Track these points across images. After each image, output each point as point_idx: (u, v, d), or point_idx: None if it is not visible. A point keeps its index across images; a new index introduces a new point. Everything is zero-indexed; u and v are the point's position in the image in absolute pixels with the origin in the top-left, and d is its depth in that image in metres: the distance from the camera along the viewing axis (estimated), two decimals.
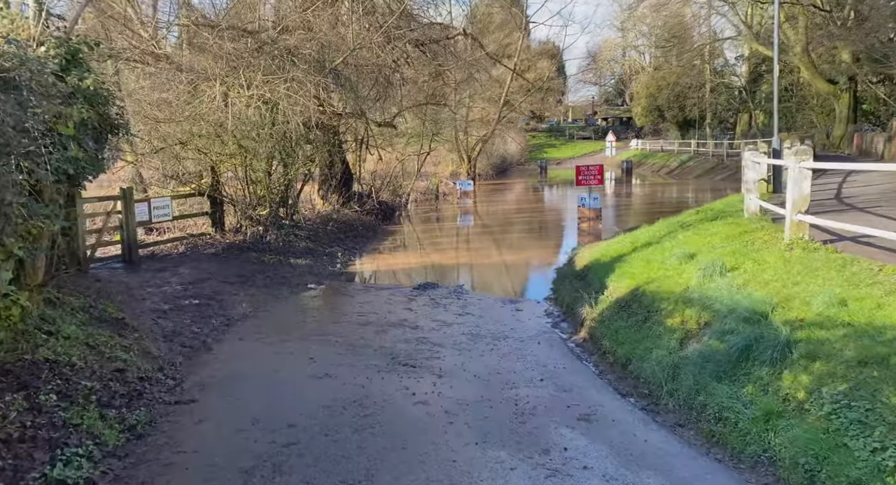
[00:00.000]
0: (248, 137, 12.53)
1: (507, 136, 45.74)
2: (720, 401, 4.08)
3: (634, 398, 5.08)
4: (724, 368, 4.32)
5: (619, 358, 5.76)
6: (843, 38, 27.60)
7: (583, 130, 77.47)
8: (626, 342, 5.81)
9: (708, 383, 4.31)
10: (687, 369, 4.65)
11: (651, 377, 5.06)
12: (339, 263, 13.27)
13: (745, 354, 4.32)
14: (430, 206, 25.23)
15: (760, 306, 4.86)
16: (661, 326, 5.68)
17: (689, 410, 4.39)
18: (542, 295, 10.24)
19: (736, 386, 4.15)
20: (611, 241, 11.83)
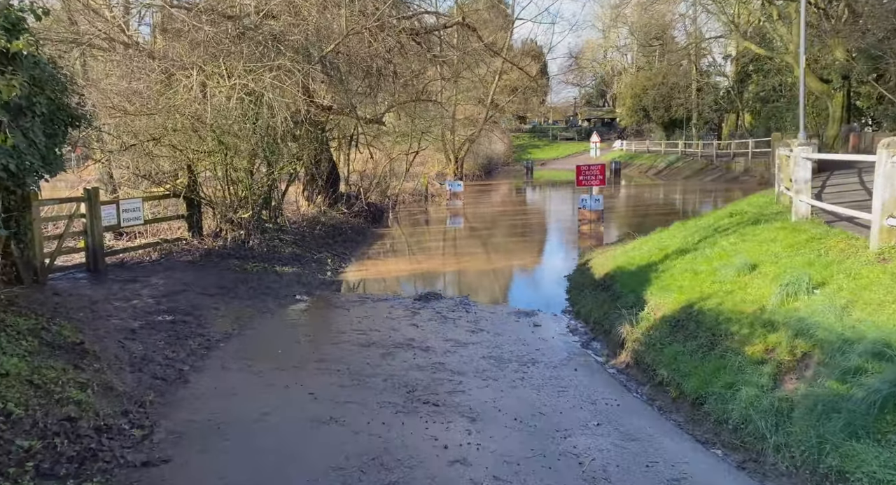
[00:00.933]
0: (228, 133, 11.37)
1: (492, 136, 44.87)
2: (869, 470, 3.10)
3: (721, 450, 4.10)
4: (863, 422, 3.35)
5: (685, 393, 4.79)
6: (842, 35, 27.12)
7: (565, 130, 77.00)
8: (692, 373, 4.84)
9: (840, 442, 3.35)
10: (800, 417, 3.69)
11: (742, 423, 4.09)
12: (330, 271, 12.16)
13: (894, 404, 3.36)
14: (418, 207, 24.17)
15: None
16: (738, 355, 4.72)
17: (815, 474, 3.40)
18: (557, 307, 9.26)
19: (889, 449, 3.18)
20: (627, 246, 10.89)
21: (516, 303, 9.96)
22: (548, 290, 10.94)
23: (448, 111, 25.04)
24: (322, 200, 17.07)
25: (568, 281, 10.65)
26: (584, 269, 10.88)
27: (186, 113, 9.99)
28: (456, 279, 12.13)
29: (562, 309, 9.08)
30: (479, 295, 10.36)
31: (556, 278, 11.76)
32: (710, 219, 10.22)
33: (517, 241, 17.33)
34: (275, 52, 10.42)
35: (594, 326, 7.55)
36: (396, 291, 10.92)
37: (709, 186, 32.31)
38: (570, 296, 9.53)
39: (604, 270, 9.52)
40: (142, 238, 12.14)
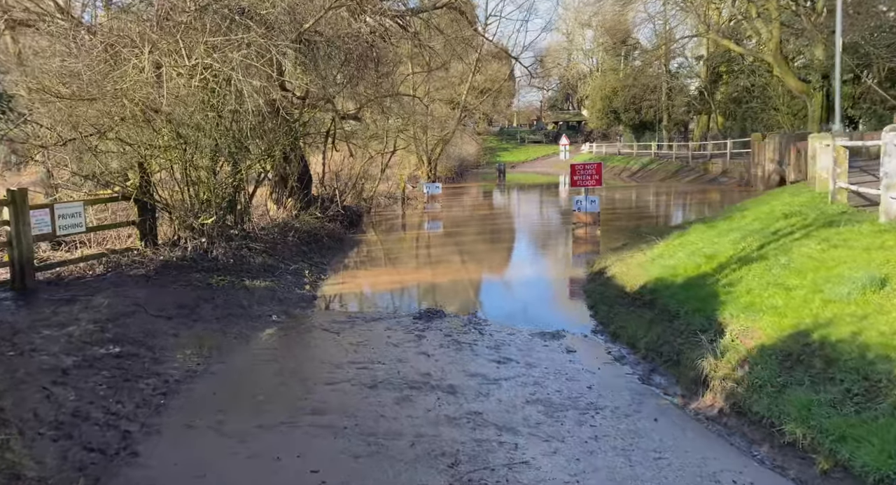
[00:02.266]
0: (188, 124, 9.68)
1: (463, 138, 43.62)
2: None
3: None
4: None
5: (851, 468, 3.41)
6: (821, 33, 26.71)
7: (533, 133, 76.47)
8: (859, 439, 3.47)
9: None
10: None
11: None
12: (308, 284, 10.55)
13: None
14: (395, 211, 22.62)
15: None
16: None
17: None
18: (583, 325, 7.89)
19: None
20: (651, 252, 9.62)
21: (533, 321, 8.54)
22: (563, 304, 9.57)
23: (426, 107, 23.57)
24: (293, 203, 15.39)
25: (587, 294, 9.30)
26: (603, 279, 9.56)
27: (136, 98, 8.28)
28: (453, 292, 10.67)
29: (591, 329, 7.70)
30: (486, 311, 8.92)
31: (568, 290, 10.40)
32: (747, 220, 9.02)
33: (508, 247, 15.97)
34: (243, 29, 8.80)
35: (647, 353, 6.18)
36: (389, 308, 9.39)
37: (688, 187, 31.62)
38: (597, 312, 8.16)
39: (636, 281, 8.20)
40: (84, 249, 10.32)
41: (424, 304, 9.51)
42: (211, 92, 9.18)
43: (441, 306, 9.11)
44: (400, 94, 16.87)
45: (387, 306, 9.55)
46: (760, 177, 27.62)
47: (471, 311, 8.83)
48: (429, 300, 9.93)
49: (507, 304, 9.79)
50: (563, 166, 54.82)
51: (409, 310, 9.01)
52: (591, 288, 9.43)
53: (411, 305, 9.50)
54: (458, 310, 8.95)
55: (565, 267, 12.50)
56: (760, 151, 27.91)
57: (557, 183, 41.13)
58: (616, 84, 51.41)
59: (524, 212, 24.94)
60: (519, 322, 8.37)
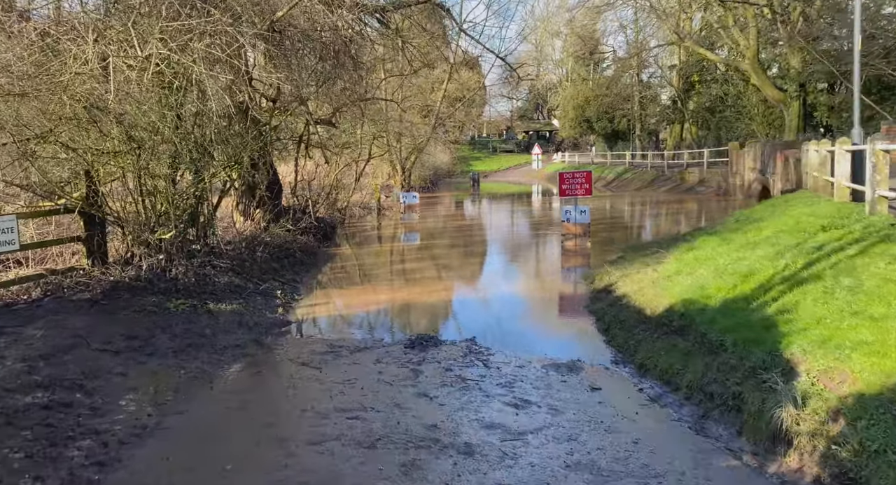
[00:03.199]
0: (142, 126, 8.47)
1: (436, 147, 42.69)
2: None
3: None
4: None
5: None
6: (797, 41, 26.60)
7: (504, 143, 76.12)
8: None
9: None
10: None
11: None
12: (281, 307, 9.39)
13: None
14: (370, 222, 21.48)
15: None
16: None
17: None
18: (601, 354, 6.92)
19: None
20: (664, 268, 8.73)
21: (540, 348, 7.55)
22: (569, 327, 8.59)
23: (403, 113, 22.56)
24: (262, 214, 14.17)
25: (595, 316, 8.35)
26: (612, 298, 8.63)
27: (78, 94, 7.07)
28: (444, 313, 9.61)
29: (610, 359, 6.73)
30: (485, 336, 7.88)
31: (571, 310, 9.45)
32: (766, 233, 8.20)
33: (495, 260, 15.00)
34: (206, 16, 7.65)
35: (690, 393, 5.22)
36: (376, 334, 8.29)
37: (667, 197, 31.19)
38: (613, 338, 7.20)
39: (656, 302, 7.27)
40: (19, 269, 8.97)
41: (414, 328, 8.45)
42: (169, 88, 8.00)
43: (434, 331, 8.06)
44: (377, 98, 15.83)
45: (372, 332, 8.44)
46: (739, 186, 27.28)
47: (467, 336, 7.79)
48: (418, 324, 8.86)
49: (507, 327, 8.77)
50: (536, 176, 54.46)
51: (399, 336, 7.93)
52: (600, 308, 8.48)
53: (400, 330, 8.42)
54: (452, 335, 7.90)
55: (562, 283, 11.57)
56: (739, 160, 27.60)
57: (531, 192, 40.50)
58: (589, 93, 51.23)
59: (504, 222, 24.05)
60: (524, 349, 7.36)
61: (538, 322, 8.91)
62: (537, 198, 36.61)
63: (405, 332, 8.17)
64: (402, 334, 8.02)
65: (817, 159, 12.78)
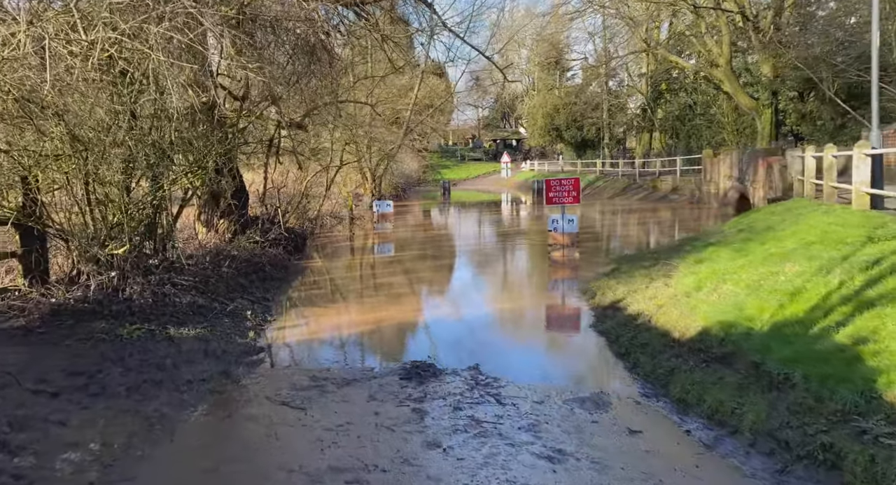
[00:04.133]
0: (89, 125, 7.33)
1: (406, 154, 41.76)
2: None
3: None
4: None
5: None
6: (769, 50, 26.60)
7: (472, 151, 75.67)
8: None
9: None
10: None
11: None
12: (252, 330, 8.30)
13: None
14: (342, 232, 20.38)
15: None
16: None
17: None
18: (624, 383, 6.09)
19: None
20: (682, 283, 7.97)
21: (553, 375, 6.68)
22: (578, 349, 7.74)
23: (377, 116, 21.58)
24: (227, 225, 13.01)
25: (606, 337, 7.52)
26: (623, 317, 7.82)
27: (7, 85, 5.93)
28: (435, 334, 8.66)
29: (638, 390, 5.89)
30: (487, 362, 6.96)
31: (575, 329, 8.61)
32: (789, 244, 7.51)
33: (480, 273, 14.10)
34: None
35: (755, 438, 4.39)
36: (363, 361, 7.29)
37: (641, 205, 30.87)
38: (637, 365, 6.37)
39: (682, 323, 6.47)
40: None
41: (405, 353, 7.48)
42: (121, 81, 6.90)
43: (429, 357, 7.10)
44: (351, 100, 14.86)
45: (359, 359, 7.44)
46: (714, 194, 27.07)
47: (468, 363, 6.86)
48: (409, 348, 7.90)
49: (509, 350, 7.87)
50: (506, 184, 53.96)
51: (390, 364, 6.94)
52: (611, 329, 7.65)
53: (390, 357, 7.43)
54: (451, 361, 6.96)
55: (559, 298, 10.73)
56: (713, 168, 27.41)
57: (503, 201, 39.87)
58: (558, 102, 51.04)
59: (483, 232, 23.19)
60: (536, 378, 6.48)
61: (543, 344, 8.03)
62: (511, 206, 35.99)
63: (396, 359, 7.20)
64: (393, 362, 7.05)
65: (815, 165, 12.33)
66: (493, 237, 20.82)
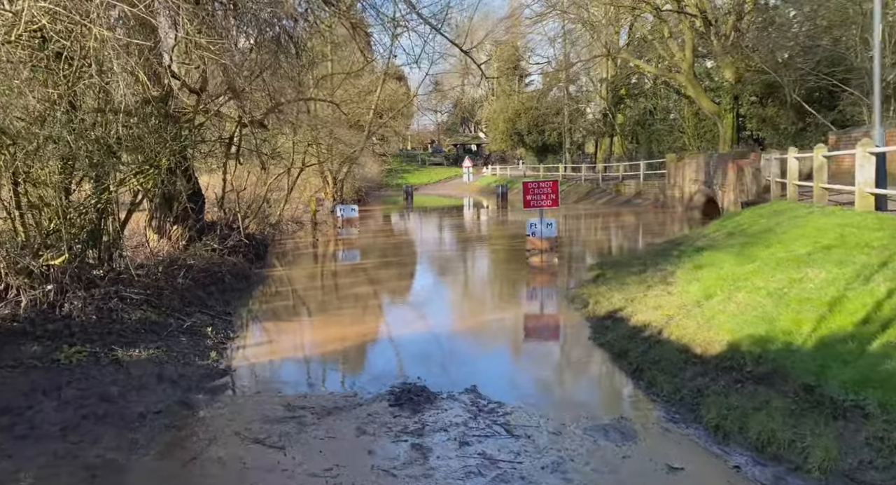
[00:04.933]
0: (16, 115, 6.29)
1: (367, 158, 40.77)
2: None
3: None
4: None
5: None
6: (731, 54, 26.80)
7: (433, 155, 75.08)
8: None
9: None
10: None
11: None
12: (213, 349, 7.33)
13: None
14: (305, 238, 19.34)
15: None
16: None
17: None
18: (647, 408, 5.43)
19: None
20: (688, 291, 7.40)
21: (561, 397, 5.98)
22: (581, 365, 7.06)
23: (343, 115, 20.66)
24: (182, 231, 11.91)
25: (608, 351, 6.87)
26: (625, 329, 7.19)
27: None
28: (417, 350, 7.83)
29: (663, 415, 5.23)
30: (484, 383, 6.20)
31: (572, 342, 7.92)
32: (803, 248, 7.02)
33: (456, 281, 13.35)
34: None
35: (824, 476, 3.75)
36: (343, 384, 6.44)
37: (606, 209, 30.68)
38: (653, 384, 5.72)
39: (702, 336, 5.86)
40: None
41: (389, 373, 6.66)
42: (56, 62, 5.90)
43: (419, 378, 6.30)
44: (316, 98, 13.95)
45: (338, 382, 6.58)
46: (679, 198, 27.03)
47: (463, 384, 6.10)
48: (392, 367, 7.08)
49: (505, 367, 7.14)
50: (467, 189, 53.43)
51: (375, 387, 6.11)
52: (613, 342, 7.00)
53: (374, 378, 6.58)
54: (443, 382, 6.18)
55: (546, 307, 10.06)
56: (677, 172, 27.38)
57: (467, 205, 39.28)
58: (519, 106, 50.86)
59: (451, 238, 22.44)
60: (540, 400, 5.78)
61: (541, 360, 7.31)
62: (476, 211, 35.40)
63: (382, 380, 6.36)
64: (378, 384, 6.21)
65: (797, 166, 12.07)
66: (465, 243, 20.11)
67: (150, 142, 8.58)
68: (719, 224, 12.74)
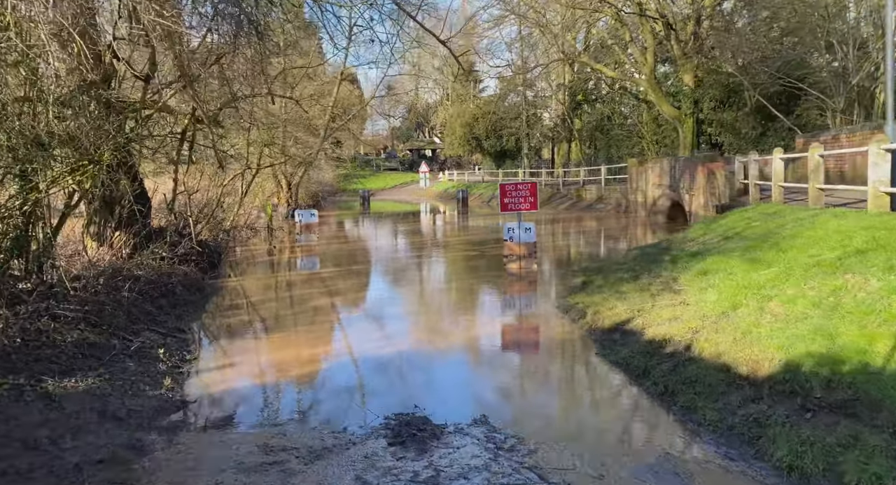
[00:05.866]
0: None
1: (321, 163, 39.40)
2: None
3: None
4: None
5: None
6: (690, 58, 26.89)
7: (388, 161, 74.03)
8: None
9: None
10: None
11: None
12: (167, 375, 6.22)
13: None
14: (260, 245, 18.07)
15: None
16: None
17: None
18: (691, 440, 4.66)
19: None
20: (699, 298, 6.71)
21: (587, 429, 5.16)
22: (593, 387, 6.27)
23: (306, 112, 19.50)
24: (125, 238, 10.62)
25: (624, 369, 6.12)
26: (639, 344, 6.47)
27: None
28: (405, 373, 6.90)
29: (713, 449, 4.47)
30: (492, 411, 5.33)
31: (577, 359, 7.13)
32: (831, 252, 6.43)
33: (433, 290, 12.44)
34: None
35: None
36: (325, 417, 5.44)
37: (568, 214, 30.33)
38: (693, 410, 4.98)
39: (743, 354, 5.15)
40: None
41: (380, 400, 5.70)
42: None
43: (416, 407, 5.38)
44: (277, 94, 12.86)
45: (321, 414, 5.58)
46: (641, 203, 26.83)
47: (468, 413, 5.23)
48: (381, 391, 6.12)
49: (508, 391, 6.27)
50: (424, 194, 52.60)
51: (367, 419, 5.16)
52: (628, 359, 6.25)
53: (359, 406, 5.61)
54: (445, 411, 5.28)
55: (537, 318, 9.24)
56: (640, 177, 27.19)
57: (426, 211, 38.39)
58: (477, 111, 50.37)
59: (417, 243, 21.46)
60: (563, 432, 4.95)
61: (550, 382, 6.48)
62: (437, 217, 34.56)
63: (370, 409, 5.41)
64: (368, 415, 5.27)
65: (783, 167, 11.74)
66: (434, 249, 19.20)
67: (89, 134, 7.39)
68: (704, 228, 12.26)
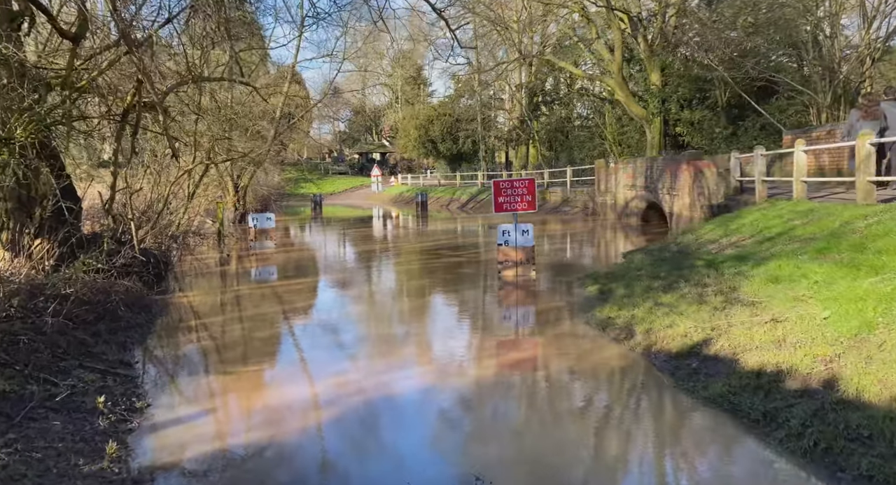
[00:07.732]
0: None
1: (268, 166, 37.05)
2: None
3: None
4: None
5: None
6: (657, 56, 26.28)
7: (337, 164, 71.66)
8: None
9: None
10: None
11: None
12: (109, 434, 4.42)
13: None
14: (210, 253, 15.96)
15: None
16: None
17: None
18: None
19: None
20: (808, 314, 5.37)
21: None
22: (698, 442, 4.78)
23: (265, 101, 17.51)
24: (48, 247, 8.55)
25: (725, 410, 4.72)
26: (738, 375, 5.10)
27: None
28: (419, 428, 5.26)
29: None
30: (492, 468, 3.76)
31: (644, 394, 5.66)
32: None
33: (423, 306, 10.75)
34: None
35: None
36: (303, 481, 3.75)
37: (536, 218, 29.01)
38: (871, 475, 3.55)
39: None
40: None
41: (402, 465, 4.06)
42: None
43: (440, 475, 3.76)
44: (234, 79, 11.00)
45: (293, 474, 3.88)
46: (611, 205, 25.90)
47: (469, 476, 3.66)
48: (395, 456, 4.46)
49: (585, 454, 4.72)
50: (377, 199, 50.65)
51: None
52: (730, 396, 4.85)
53: (368, 475, 3.95)
54: (424, 469, 3.69)
55: (569, 339, 7.69)
56: (609, 178, 26.28)
57: (383, 216, 36.57)
58: (432, 113, 48.92)
59: (383, 249, 19.69)
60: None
61: (630, 435, 4.94)
62: (395, 221, 32.82)
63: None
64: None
65: (805, 160, 10.76)
66: (408, 256, 17.49)
67: None
68: (722, 229, 11.13)
